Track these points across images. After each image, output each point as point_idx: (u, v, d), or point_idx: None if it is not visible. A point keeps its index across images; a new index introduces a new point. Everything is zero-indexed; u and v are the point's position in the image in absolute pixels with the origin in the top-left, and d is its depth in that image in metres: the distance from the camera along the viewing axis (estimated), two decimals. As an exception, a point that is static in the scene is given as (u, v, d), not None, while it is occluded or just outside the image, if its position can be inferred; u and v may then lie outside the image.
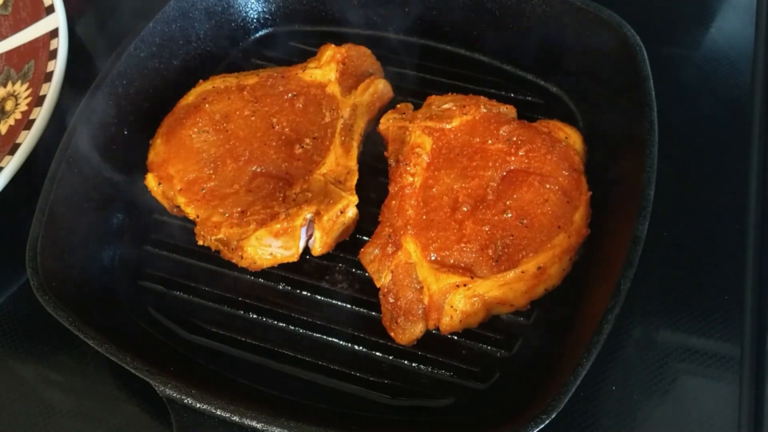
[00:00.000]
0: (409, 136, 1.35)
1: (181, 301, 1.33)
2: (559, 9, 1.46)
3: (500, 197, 1.27)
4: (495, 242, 1.22)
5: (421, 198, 1.29)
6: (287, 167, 1.33)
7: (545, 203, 1.25)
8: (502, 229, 1.23)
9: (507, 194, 1.27)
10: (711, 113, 1.55)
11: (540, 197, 1.26)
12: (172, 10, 1.50)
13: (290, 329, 1.29)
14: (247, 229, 1.25)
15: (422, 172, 1.31)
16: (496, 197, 1.27)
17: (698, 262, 1.36)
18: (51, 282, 1.17)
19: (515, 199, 1.26)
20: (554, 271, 1.22)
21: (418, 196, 1.29)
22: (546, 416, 1.01)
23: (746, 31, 1.64)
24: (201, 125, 1.36)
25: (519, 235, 1.23)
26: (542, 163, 1.30)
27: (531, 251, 1.21)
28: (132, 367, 1.09)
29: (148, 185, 1.33)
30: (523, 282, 1.20)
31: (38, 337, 1.33)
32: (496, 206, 1.25)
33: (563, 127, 1.38)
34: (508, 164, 1.30)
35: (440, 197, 1.28)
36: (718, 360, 1.26)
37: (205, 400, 1.07)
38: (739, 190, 1.40)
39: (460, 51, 1.62)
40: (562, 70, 1.51)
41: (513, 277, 1.19)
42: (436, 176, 1.31)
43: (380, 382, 1.24)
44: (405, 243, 1.23)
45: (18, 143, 1.38)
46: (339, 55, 1.47)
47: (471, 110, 1.37)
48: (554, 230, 1.23)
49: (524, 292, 1.20)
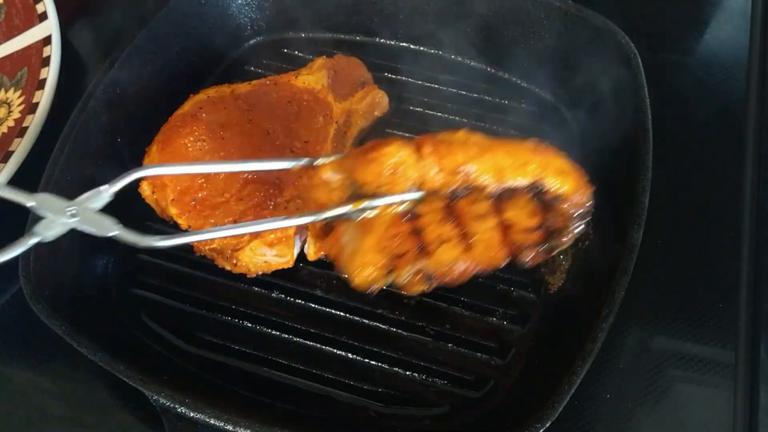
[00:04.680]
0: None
1: (174, 309, 1.32)
2: (553, 16, 1.46)
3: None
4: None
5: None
6: (277, 172, 1.32)
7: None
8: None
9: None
10: (706, 120, 1.55)
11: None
12: (165, 17, 1.50)
13: (284, 337, 1.29)
14: (240, 239, 1.25)
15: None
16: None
17: (693, 270, 1.36)
18: (44, 290, 1.16)
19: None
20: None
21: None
22: (540, 425, 1.00)
23: (741, 38, 1.65)
24: (197, 134, 1.35)
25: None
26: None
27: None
28: (125, 375, 1.08)
29: (143, 193, 1.32)
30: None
31: (31, 345, 1.32)
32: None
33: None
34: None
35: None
36: (713, 367, 1.26)
37: (198, 409, 1.06)
38: (733, 197, 1.40)
39: (454, 58, 1.62)
40: (556, 77, 1.51)
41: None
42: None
43: (374, 390, 1.23)
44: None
45: (11, 151, 1.38)
46: (330, 63, 1.47)
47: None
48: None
49: None
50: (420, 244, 1.09)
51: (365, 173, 1.01)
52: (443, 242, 1.10)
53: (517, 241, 1.12)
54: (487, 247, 1.12)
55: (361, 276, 1.08)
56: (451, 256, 1.11)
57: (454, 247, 1.10)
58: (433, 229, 1.09)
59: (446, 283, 1.12)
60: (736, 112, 1.53)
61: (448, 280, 1.12)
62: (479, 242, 1.11)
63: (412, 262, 1.10)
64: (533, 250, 1.12)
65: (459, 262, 1.11)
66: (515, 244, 1.12)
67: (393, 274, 1.10)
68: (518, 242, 1.12)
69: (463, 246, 1.10)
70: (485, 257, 1.12)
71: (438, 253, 1.10)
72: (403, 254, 1.09)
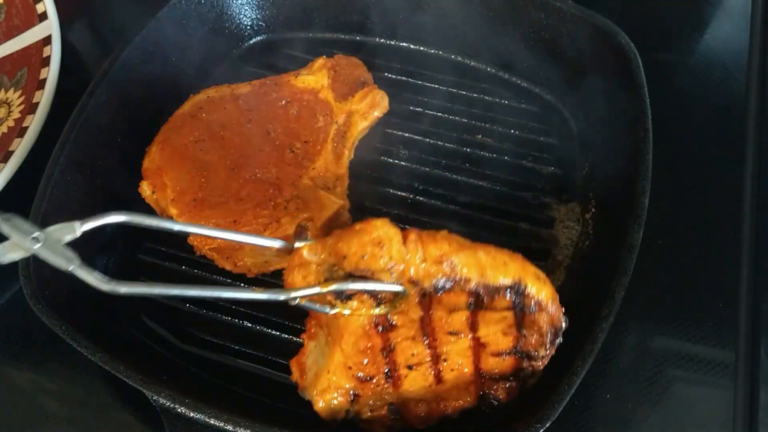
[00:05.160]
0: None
1: (174, 309, 1.32)
2: (553, 16, 1.46)
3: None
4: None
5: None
6: (277, 172, 1.32)
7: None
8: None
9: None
10: (706, 120, 1.55)
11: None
12: (165, 17, 1.50)
13: (284, 338, 1.29)
14: (241, 240, 1.25)
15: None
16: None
17: (693, 270, 1.36)
18: (44, 290, 1.16)
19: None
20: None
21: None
22: (540, 425, 1.00)
23: (741, 38, 1.65)
24: (197, 134, 1.36)
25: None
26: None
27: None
28: (125, 376, 1.08)
29: (143, 193, 1.32)
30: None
31: (31, 345, 1.32)
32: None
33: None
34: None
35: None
36: (713, 367, 1.26)
37: (198, 409, 1.06)
38: (733, 197, 1.40)
39: (454, 57, 1.62)
40: (556, 77, 1.51)
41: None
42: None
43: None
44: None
45: (11, 151, 1.38)
46: (330, 63, 1.47)
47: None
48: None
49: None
50: (388, 367, 1.06)
51: (349, 244, 0.99)
52: (414, 366, 1.07)
53: (489, 369, 1.09)
54: (457, 378, 1.09)
55: (325, 399, 1.06)
56: (419, 387, 1.08)
57: (424, 376, 1.08)
58: (405, 348, 1.06)
59: (412, 424, 1.11)
60: (736, 112, 1.53)
61: (415, 422, 1.10)
62: (449, 372, 1.09)
63: (378, 393, 1.08)
64: (505, 383, 1.10)
65: (425, 405, 1.10)
66: (487, 375, 1.10)
67: (356, 404, 1.08)
68: (490, 372, 1.09)
69: (432, 377, 1.08)
70: (454, 393, 1.10)
71: (406, 382, 1.07)
72: (369, 378, 1.06)
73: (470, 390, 1.11)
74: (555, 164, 1.45)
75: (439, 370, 1.08)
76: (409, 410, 1.10)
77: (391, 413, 1.10)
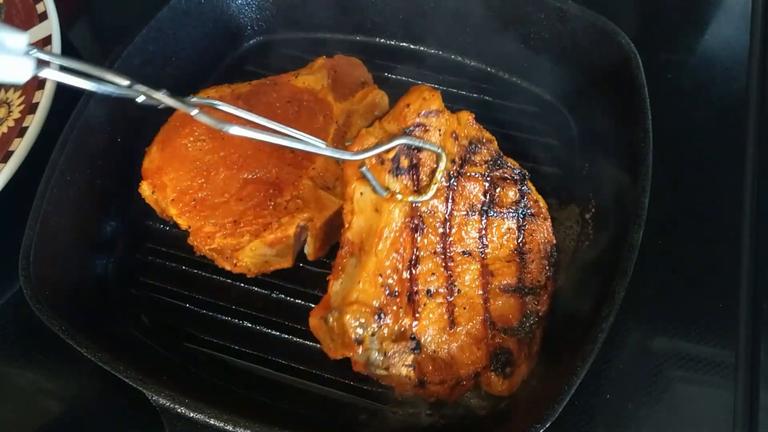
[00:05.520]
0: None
1: (174, 309, 1.33)
2: (553, 16, 1.46)
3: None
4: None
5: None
6: (278, 172, 1.32)
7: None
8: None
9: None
10: (706, 120, 1.55)
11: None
12: (165, 17, 1.50)
13: (284, 338, 1.29)
14: (241, 240, 1.25)
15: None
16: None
17: (693, 270, 1.36)
18: (44, 290, 1.16)
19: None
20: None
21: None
22: (540, 425, 1.00)
23: (741, 38, 1.65)
24: (197, 134, 1.35)
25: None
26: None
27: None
28: (125, 375, 1.09)
29: (143, 193, 1.32)
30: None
31: (31, 345, 1.32)
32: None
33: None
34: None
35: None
36: (713, 367, 1.26)
37: (198, 409, 1.06)
38: (733, 197, 1.40)
39: (454, 57, 1.62)
40: (556, 77, 1.51)
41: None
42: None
43: (374, 390, 1.23)
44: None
45: (11, 151, 1.38)
46: (330, 63, 1.47)
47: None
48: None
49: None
50: (410, 289, 1.15)
51: (408, 97, 1.18)
52: (433, 292, 1.17)
53: (497, 314, 1.19)
54: (469, 322, 1.18)
55: (352, 310, 1.10)
56: (435, 326, 1.16)
57: (440, 313, 1.17)
58: (427, 265, 1.16)
59: (430, 391, 1.16)
60: (736, 112, 1.53)
61: (433, 386, 1.16)
62: (462, 312, 1.18)
63: (399, 318, 1.14)
64: (514, 338, 1.19)
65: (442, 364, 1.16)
66: (496, 325, 1.19)
67: (380, 327, 1.12)
68: (498, 319, 1.19)
69: (446, 317, 1.17)
70: (467, 352, 1.17)
71: (424, 314, 1.15)
72: (395, 294, 1.13)
73: (481, 347, 1.17)
74: (555, 164, 1.45)
75: (453, 307, 1.17)
76: (427, 369, 1.15)
77: (412, 371, 1.14)
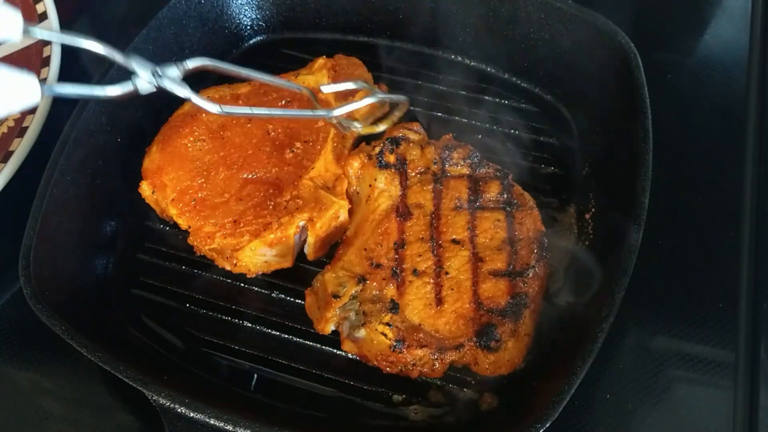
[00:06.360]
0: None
1: (174, 309, 1.33)
2: (553, 16, 1.46)
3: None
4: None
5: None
6: (278, 172, 1.32)
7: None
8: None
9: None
10: (706, 120, 1.55)
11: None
12: (165, 17, 1.50)
13: (284, 337, 1.29)
14: (241, 240, 1.25)
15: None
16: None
17: (693, 270, 1.36)
18: (44, 290, 1.16)
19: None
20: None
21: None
22: (540, 425, 1.00)
23: (741, 38, 1.64)
24: (197, 134, 1.36)
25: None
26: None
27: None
28: (125, 375, 1.09)
29: (143, 193, 1.32)
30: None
31: (31, 345, 1.32)
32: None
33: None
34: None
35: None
36: (713, 367, 1.26)
37: (198, 409, 1.06)
38: (733, 197, 1.40)
39: (454, 58, 1.62)
40: (556, 77, 1.51)
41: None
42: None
43: (374, 390, 1.23)
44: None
45: (11, 151, 1.38)
46: (330, 63, 1.47)
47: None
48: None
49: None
50: (397, 266, 1.19)
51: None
52: (419, 272, 1.20)
53: (486, 296, 1.19)
54: (455, 303, 1.18)
55: (336, 271, 1.17)
56: (420, 302, 1.18)
57: (425, 292, 1.19)
58: (414, 248, 1.20)
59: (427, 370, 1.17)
60: (736, 112, 1.53)
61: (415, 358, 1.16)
62: (449, 292, 1.19)
63: (382, 287, 1.18)
64: (503, 319, 1.17)
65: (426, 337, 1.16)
66: (484, 306, 1.18)
67: (361, 290, 1.18)
68: (487, 300, 1.18)
69: (433, 295, 1.19)
70: (453, 327, 1.17)
71: (409, 290, 1.18)
72: (379, 266, 1.18)
73: (468, 324, 1.17)
74: (555, 164, 1.45)
75: (440, 287, 1.18)
76: (407, 333, 1.16)
77: (389, 329, 1.16)
